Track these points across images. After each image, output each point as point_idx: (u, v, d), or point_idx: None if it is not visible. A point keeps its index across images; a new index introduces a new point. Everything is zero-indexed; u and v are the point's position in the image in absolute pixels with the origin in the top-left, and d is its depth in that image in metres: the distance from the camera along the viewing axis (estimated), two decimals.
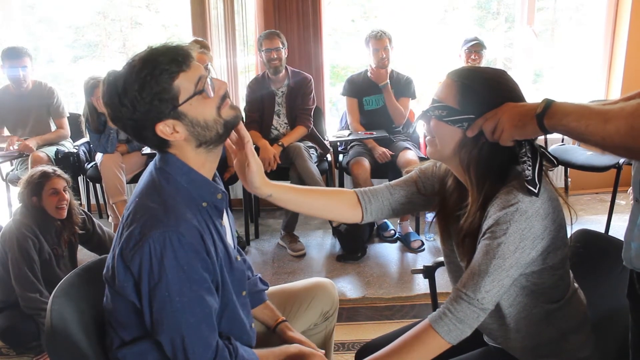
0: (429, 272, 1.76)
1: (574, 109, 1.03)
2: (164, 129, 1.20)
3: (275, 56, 3.60)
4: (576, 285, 1.39)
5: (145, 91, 1.16)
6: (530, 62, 4.34)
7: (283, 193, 1.44)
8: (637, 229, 1.09)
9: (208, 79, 1.22)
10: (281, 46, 3.62)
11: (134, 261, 1.17)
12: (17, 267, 2.41)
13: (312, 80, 3.76)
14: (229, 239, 1.39)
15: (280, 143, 3.56)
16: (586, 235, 1.58)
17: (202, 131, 1.23)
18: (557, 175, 4.30)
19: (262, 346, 1.49)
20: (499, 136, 1.18)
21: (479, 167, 1.26)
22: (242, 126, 1.33)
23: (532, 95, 4.46)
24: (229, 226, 1.42)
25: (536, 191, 1.17)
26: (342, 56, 5.04)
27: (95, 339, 1.35)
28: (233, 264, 1.34)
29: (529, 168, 1.18)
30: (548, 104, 1.08)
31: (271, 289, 1.73)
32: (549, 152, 1.28)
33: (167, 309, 1.18)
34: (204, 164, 1.28)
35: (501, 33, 4.85)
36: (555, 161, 1.30)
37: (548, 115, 1.07)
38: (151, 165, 1.32)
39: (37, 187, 2.48)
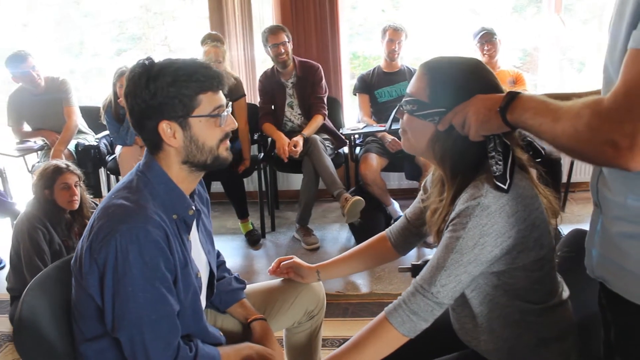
0: (416, 271, 1.71)
1: (533, 105, 0.97)
2: (166, 128, 1.25)
3: (283, 50, 3.56)
4: (565, 295, 1.32)
5: (173, 87, 1.22)
6: (557, 50, 4.16)
7: (327, 271, 1.66)
8: (597, 236, 1.02)
9: (225, 112, 1.30)
10: (287, 40, 3.58)
11: (100, 254, 1.19)
12: (28, 257, 2.48)
13: (321, 68, 3.72)
14: (196, 254, 1.40)
15: (303, 134, 3.53)
16: (578, 235, 1.49)
17: (195, 151, 1.29)
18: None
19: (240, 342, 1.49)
20: (468, 131, 1.14)
21: (453, 160, 1.23)
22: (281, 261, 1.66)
23: (575, 85, 4.29)
24: (198, 242, 1.44)
25: (505, 187, 1.13)
26: (373, 46, 4.97)
27: (67, 332, 1.36)
28: (191, 278, 1.33)
29: (499, 163, 1.14)
30: (511, 98, 1.03)
31: (253, 286, 1.73)
32: (535, 142, 1.23)
33: (129, 304, 1.19)
34: (184, 180, 1.33)
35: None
36: (542, 151, 1.26)
37: (510, 109, 1.02)
38: (134, 169, 1.35)
39: (50, 180, 2.53)
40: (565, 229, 3.13)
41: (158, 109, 1.23)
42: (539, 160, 1.28)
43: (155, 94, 1.22)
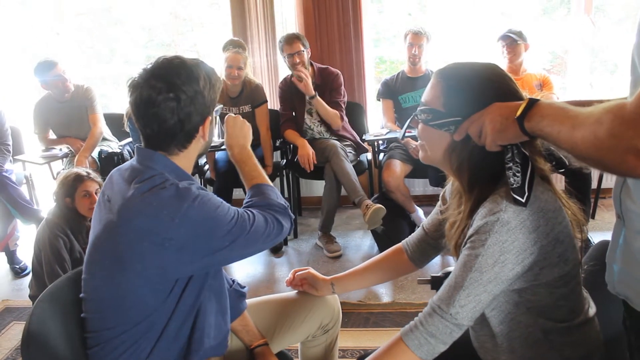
0: (435, 283, 1.65)
1: (552, 112, 0.91)
2: (207, 123, 1.29)
3: (298, 60, 3.51)
4: (592, 312, 1.24)
5: (218, 82, 1.31)
6: (587, 52, 4.03)
7: (342, 284, 1.60)
8: (619, 250, 0.95)
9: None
10: (302, 48, 3.52)
11: (180, 235, 1.20)
12: (49, 265, 2.50)
13: (341, 74, 3.68)
14: None
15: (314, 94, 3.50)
16: (605, 248, 1.41)
17: (210, 140, 1.36)
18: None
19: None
20: (484, 141, 1.09)
21: (470, 171, 1.18)
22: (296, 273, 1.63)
23: (607, 87, 4.15)
24: None
25: (524, 200, 1.06)
26: (399, 50, 4.92)
27: (79, 344, 1.35)
28: None
29: (517, 175, 1.08)
30: (529, 105, 0.97)
31: (267, 298, 1.70)
32: (559, 153, 1.17)
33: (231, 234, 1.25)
34: (189, 166, 1.35)
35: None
36: (566, 162, 1.19)
37: (527, 117, 0.96)
38: (129, 167, 1.33)
39: (71, 188, 2.54)
40: (596, 237, 3.04)
41: (211, 105, 1.29)
42: (565, 170, 1.21)
43: (210, 90, 1.27)
